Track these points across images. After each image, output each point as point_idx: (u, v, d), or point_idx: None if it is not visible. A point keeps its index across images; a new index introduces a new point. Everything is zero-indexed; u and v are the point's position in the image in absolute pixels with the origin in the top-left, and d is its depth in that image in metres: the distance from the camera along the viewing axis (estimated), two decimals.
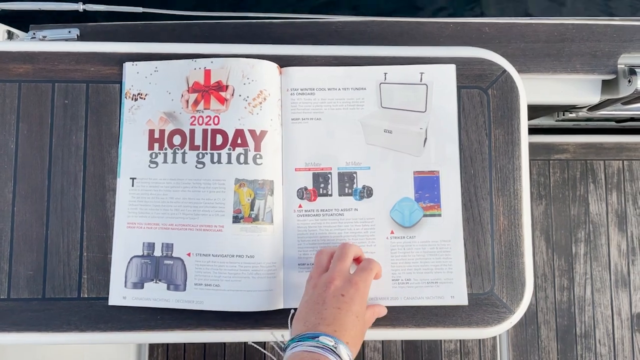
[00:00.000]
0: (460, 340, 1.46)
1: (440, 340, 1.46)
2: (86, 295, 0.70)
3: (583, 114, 1.22)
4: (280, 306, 0.70)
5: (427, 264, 0.72)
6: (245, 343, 1.41)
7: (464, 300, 0.71)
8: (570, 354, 1.45)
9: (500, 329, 0.72)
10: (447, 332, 0.71)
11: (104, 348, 1.27)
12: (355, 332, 0.58)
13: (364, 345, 1.44)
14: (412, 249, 0.72)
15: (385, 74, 0.74)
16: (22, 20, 0.99)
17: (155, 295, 0.69)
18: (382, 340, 1.45)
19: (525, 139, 0.74)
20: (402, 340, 1.45)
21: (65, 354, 1.09)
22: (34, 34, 0.89)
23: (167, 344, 1.42)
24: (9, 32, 0.96)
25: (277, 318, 0.70)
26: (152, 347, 1.42)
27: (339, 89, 0.74)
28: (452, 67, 0.74)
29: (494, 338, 1.46)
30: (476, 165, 0.74)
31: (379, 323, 0.71)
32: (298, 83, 0.74)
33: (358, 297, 0.60)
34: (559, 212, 1.48)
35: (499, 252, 0.73)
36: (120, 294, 0.70)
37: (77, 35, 0.88)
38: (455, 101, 0.74)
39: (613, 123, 1.40)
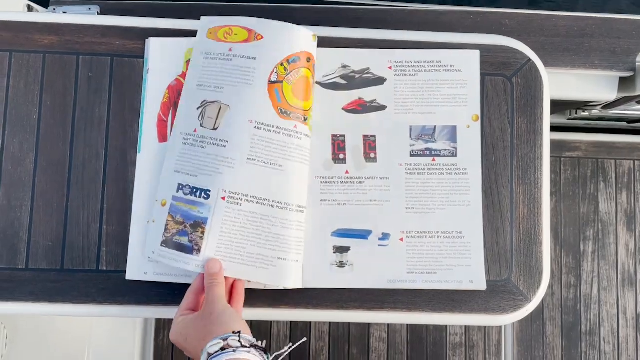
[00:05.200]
0: (465, 333, 1.46)
1: (446, 333, 1.46)
2: (105, 268, 0.70)
3: (596, 112, 1.22)
4: (299, 285, 0.70)
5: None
6: (251, 322, 1.41)
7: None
8: (574, 351, 1.45)
9: (516, 317, 0.72)
10: (463, 318, 0.72)
11: (111, 326, 1.27)
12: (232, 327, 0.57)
13: (369, 336, 1.44)
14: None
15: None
16: None
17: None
18: (388, 331, 1.45)
19: (547, 128, 0.74)
20: (407, 331, 1.45)
21: (73, 325, 1.08)
22: (54, 9, 0.89)
23: None
24: (29, 7, 0.96)
25: (295, 298, 0.70)
26: (159, 329, 1.42)
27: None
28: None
29: (499, 333, 1.46)
30: (498, 153, 0.74)
31: (395, 306, 0.71)
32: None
33: (189, 338, 0.59)
34: (568, 210, 1.48)
35: (517, 240, 0.73)
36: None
37: (97, 12, 0.88)
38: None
39: (624, 123, 1.40)
